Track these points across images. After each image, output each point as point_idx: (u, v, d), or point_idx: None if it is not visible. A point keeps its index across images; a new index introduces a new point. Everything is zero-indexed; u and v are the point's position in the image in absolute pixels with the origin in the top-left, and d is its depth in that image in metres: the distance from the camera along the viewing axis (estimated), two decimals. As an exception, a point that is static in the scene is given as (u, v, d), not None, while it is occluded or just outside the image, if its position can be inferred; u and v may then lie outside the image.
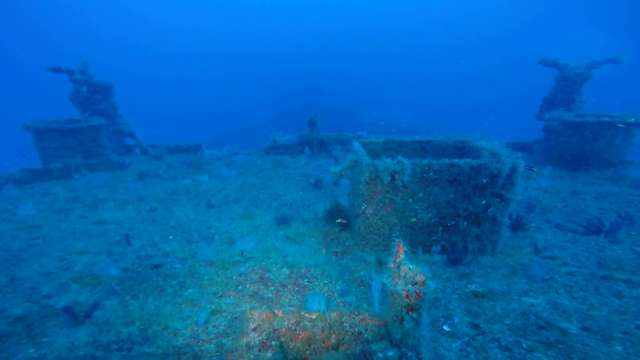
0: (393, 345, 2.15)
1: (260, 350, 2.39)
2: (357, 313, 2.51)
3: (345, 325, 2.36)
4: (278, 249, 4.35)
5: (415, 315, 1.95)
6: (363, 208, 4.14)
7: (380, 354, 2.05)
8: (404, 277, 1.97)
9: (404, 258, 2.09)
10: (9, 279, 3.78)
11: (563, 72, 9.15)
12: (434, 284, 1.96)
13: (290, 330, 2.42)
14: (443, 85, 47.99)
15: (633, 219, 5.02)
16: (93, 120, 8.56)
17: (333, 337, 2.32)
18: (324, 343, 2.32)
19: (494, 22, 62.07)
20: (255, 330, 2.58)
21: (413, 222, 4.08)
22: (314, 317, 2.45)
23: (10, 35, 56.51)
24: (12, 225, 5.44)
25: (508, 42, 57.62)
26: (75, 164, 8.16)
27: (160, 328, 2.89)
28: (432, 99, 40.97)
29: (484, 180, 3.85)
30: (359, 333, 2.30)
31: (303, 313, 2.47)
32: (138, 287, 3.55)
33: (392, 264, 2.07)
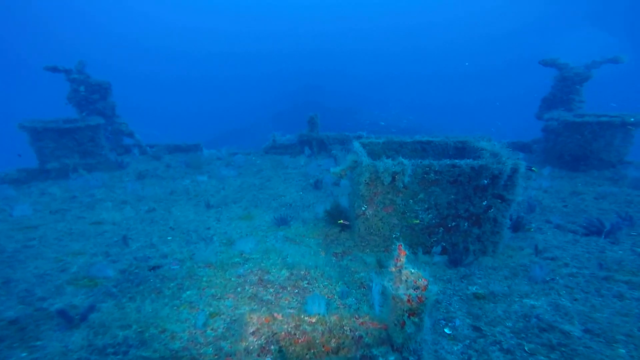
0: (394, 350, 2.11)
1: (259, 355, 2.35)
2: (357, 316, 2.48)
3: (346, 329, 2.33)
4: (277, 250, 4.31)
5: (417, 320, 1.92)
6: (363, 209, 4.10)
7: (382, 359, 2.01)
8: (406, 281, 1.93)
9: (406, 261, 2.06)
10: (3, 281, 3.72)
11: (563, 72, 9.14)
12: (436, 288, 1.93)
13: (290, 334, 2.38)
14: (443, 85, 48.04)
15: (633, 220, 4.99)
16: (91, 120, 8.49)
17: (333, 341, 2.28)
18: (324, 347, 2.28)
19: (494, 22, 62.14)
20: (254, 334, 2.54)
21: (415, 223, 4.04)
22: (314, 320, 2.41)
23: (10, 34, 56.30)
24: (7, 226, 5.38)
25: (508, 42, 57.70)
26: (73, 164, 8.10)
27: (158, 331, 2.85)
28: (432, 99, 40.99)
29: (485, 181, 3.82)
30: (360, 337, 2.27)
31: (303, 316, 2.44)
32: (135, 289, 3.50)
33: (393, 268, 2.03)
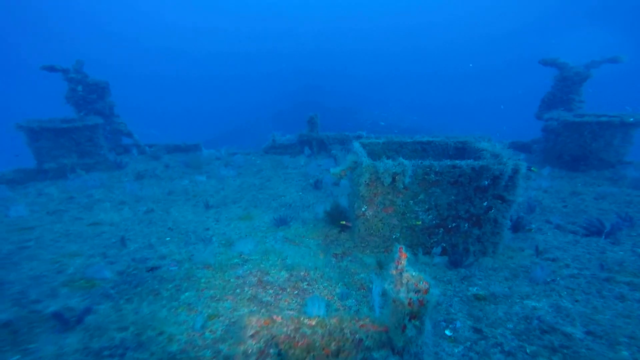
0: (395, 353, 2.08)
1: (259, 359, 2.32)
2: (357, 319, 2.45)
3: (346, 332, 2.30)
4: (277, 251, 4.27)
5: (418, 323, 1.89)
6: (363, 210, 4.07)
7: (382, 362, 1.99)
8: (407, 284, 1.90)
9: (406, 264, 2.03)
10: (-2, 283, 3.68)
11: (562, 71, 9.12)
12: (438, 291, 1.90)
13: (290, 337, 2.35)
14: (443, 85, 48.07)
15: (633, 220, 4.98)
16: (89, 120, 8.44)
17: (333, 344, 2.25)
18: (324, 350, 2.25)
19: (494, 22, 62.19)
20: (253, 337, 2.51)
21: (417, 224, 4.02)
22: (314, 323, 2.38)
23: (10, 34, 56.10)
24: (3, 227, 5.33)
25: (508, 42, 57.75)
26: (71, 164, 8.04)
27: (155, 333, 2.82)
28: (432, 99, 41.01)
29: (486, 182, 3.79)
30: (360, 340, 2.24)
31: (302, 319, 2.41)
32: (133, 290, 3.47)
33: (394, 271, 2.01)
